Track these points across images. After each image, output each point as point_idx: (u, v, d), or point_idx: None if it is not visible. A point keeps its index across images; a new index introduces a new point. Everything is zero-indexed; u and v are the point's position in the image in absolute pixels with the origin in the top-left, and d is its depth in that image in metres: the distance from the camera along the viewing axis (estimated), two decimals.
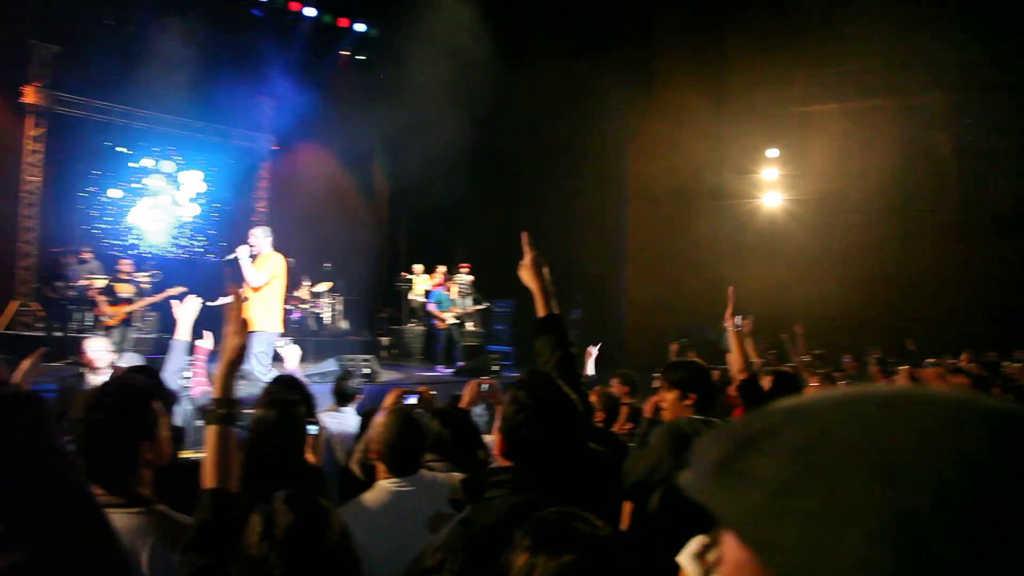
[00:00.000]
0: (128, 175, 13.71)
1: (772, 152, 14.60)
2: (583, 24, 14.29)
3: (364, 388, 5.00)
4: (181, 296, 7.44)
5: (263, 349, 6.83)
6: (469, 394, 3.77)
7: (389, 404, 3.63)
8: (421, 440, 2.73)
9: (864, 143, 13.66)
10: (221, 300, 6.94)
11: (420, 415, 2.94)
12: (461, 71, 12.30)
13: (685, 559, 0.77)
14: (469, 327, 12.78)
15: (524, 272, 2.53)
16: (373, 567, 2.18)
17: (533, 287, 2.51)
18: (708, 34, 14.74)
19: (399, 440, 2.65)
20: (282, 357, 6.50)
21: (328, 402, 4.69)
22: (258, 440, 2.71)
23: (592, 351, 5.71)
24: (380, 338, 14.19)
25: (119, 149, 13.49)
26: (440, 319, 11.85)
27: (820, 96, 13.96)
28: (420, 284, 13.75)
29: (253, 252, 6.86)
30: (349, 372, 5.59)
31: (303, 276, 13.22)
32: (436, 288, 12.63)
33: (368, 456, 3.37)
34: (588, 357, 5.58)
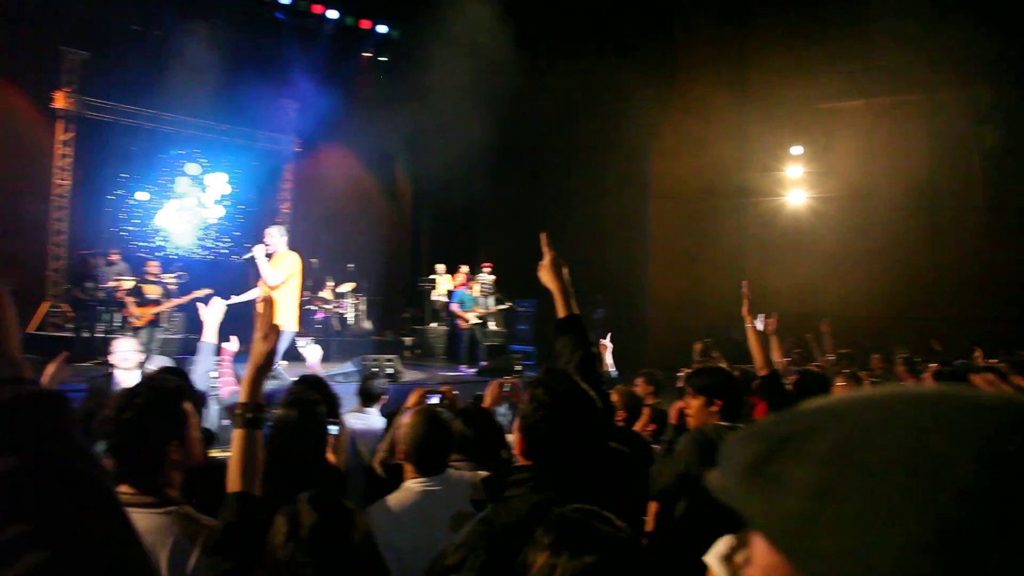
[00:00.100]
0: (155, 178, 13.90)
1: (796, 149, 14.44)
2: (605, 22, 14.24)
3: (389, 388, 5.01)
4: (207, 298, 7.52)
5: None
6: (491, 394, 3.76)
7: (412, 404, 3.64)
8: (448, 440, 2.74)
9: (891, 139, 13.43)
10: (243, 296, 7.03)
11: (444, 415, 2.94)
12: (483, 71, 12.31)
13: (713, 560, 0.75)
14: (492, 327, 12.79)
15: (543, 273, 2.53)
16: (403, 566, 2.19)
17: (553, 287, 2.50)
18: (731, 30, 14.63)
19: (426, 440, 2.65)
20: (304, 357, 6.54)
21: (353, 402, 4.70)
22: (279, 440, 2.73)
23: (606, 344, 5.67)
24: (403, 338, 14.25)
25: (146, 152, 13.68)
26: (463, 319, 11.87)
27: (846, 92, 13.75)
28: (443, 284, 13.79)
29: (269, 251, 6.89)
30: (374, 372, 5.59)
31: (327, 277, 13.31)
32: (459, 288, 12.65)
33: (391, 456, 3.39)
34: (604, 351, 5.54)
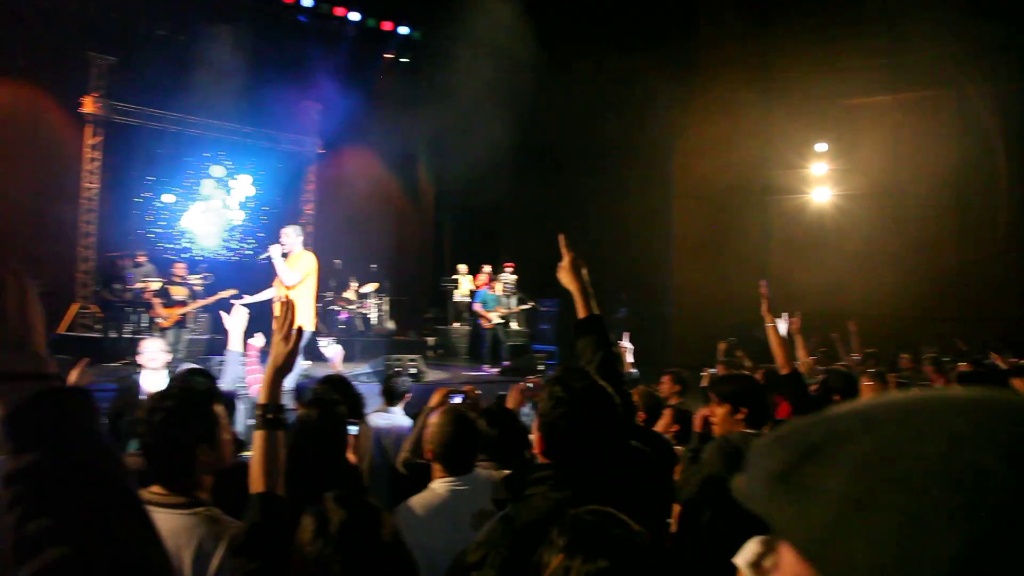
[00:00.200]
0: (181, 180, 14.08)
1: (821, 146, 14.29)
2: (627, 21, 14.17)
3: (412, 388, 5.03)
4: (231, 300, 7.59)
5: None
6: (514, 398, 3.76)
7: (434, 403, 3.66)
8: (475, 440, 2.75)
9: (918, 136, 13.23)
10: (258, 296, 7.08)
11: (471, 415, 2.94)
12: (505, 71, 12.32)
13: (742, 563, 0.74)
14: (514, 327, 12.80)
15: (563, 274, 2.53)
16: (432, 565, 2.21)
17: (572, 289, 2.50)
18: (755, 27, 14.50)
19: (454, 440, 2.67)
20: (327, 357, 6.58)
21: (378, 402, 4.74)
22: (298, 440, 2.74)
23: (626, 345, 5.65)
24: (426, 338, 14.28)
25: (172, 155, 13.85)
26: (486, 319, 11.89)
27: (872, 87, 13.58)
28: (465, 284, 13.81)
29: (285, 251, 6.91)
30: (397, 371, 5.62)
31: (350, 277, 13.39)
32: (481, 288, 12.67)
33: (415, 456, 3.41)
34: (624, 352, 5.51)
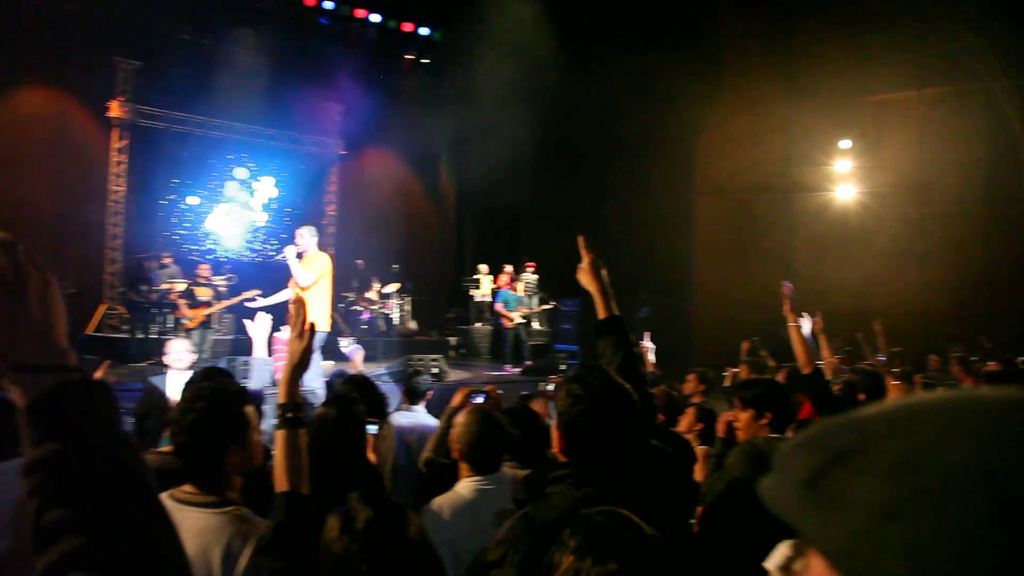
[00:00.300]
0: (205, 183, 14.24)
1: (845, 143, 14.12)
2: (648, 18, 14.10)
3: (434, 387, 5.05)
4: (246, 303, 7.64)
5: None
6: (543, 408, 3.78)
7: (457, 403, 3.67)
8: (502, 439, 2.75)
9: (944, 131, 13.03)
10: (272, 298, 7.13)
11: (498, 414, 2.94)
12: (526, 71, 12.30)
13: (772, 567, 0.73)
14: (536, 326, 12.79)
15: (582, 275, 2.53)
16: (459, 563, 2.22)
17: (592, 289, 2.50)
18: (779, 23, 14.35)
19: (481, 439, 2.68)
20: (348, 357, 6.62)
21: (401, 401, 4.76)
22: (317, 438, 2.76)
23: (647, 345, 5.61)
24: (448, 338, 14.31)
25: (197, 158, 14.01)
26: (507, 318, 11.89)
27: (897, 83, 13.40)
28: (487, 284, 13.83)
29: (299, 251, 6.95)
30: (418, 370, 5.64)
31: (372, 277, 13.46)
32: (503, 288, 12.67)
33: (438, 455, 3.42)
34: (646, 352, 5.48)
